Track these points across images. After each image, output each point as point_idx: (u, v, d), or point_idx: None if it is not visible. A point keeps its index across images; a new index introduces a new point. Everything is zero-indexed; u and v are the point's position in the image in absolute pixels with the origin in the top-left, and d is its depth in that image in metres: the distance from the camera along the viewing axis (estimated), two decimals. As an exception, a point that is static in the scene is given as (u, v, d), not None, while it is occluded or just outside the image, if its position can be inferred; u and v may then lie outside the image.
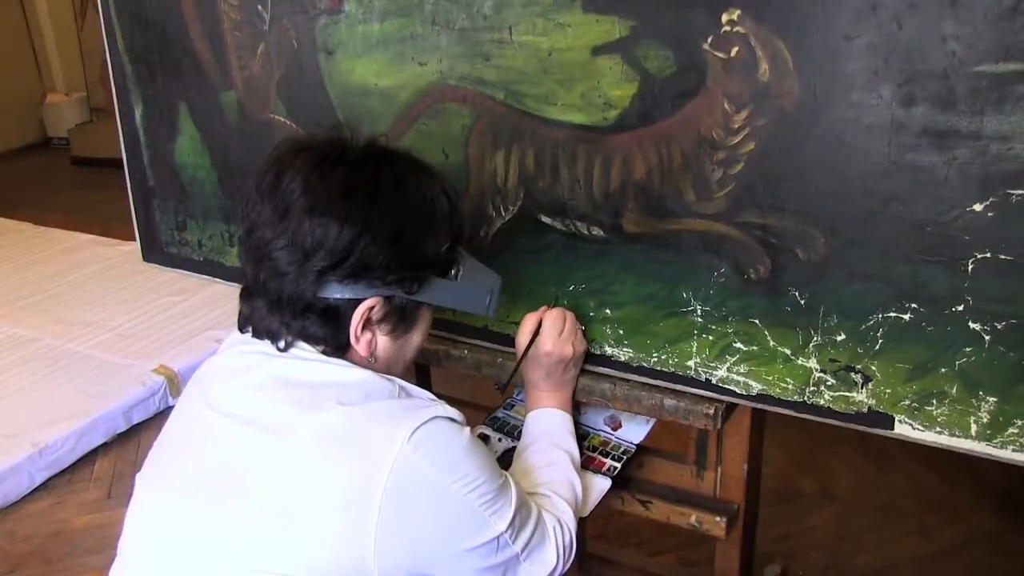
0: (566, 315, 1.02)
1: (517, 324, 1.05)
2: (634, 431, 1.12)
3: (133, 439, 2.25)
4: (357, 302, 0.78)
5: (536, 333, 1.01)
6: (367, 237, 0.75)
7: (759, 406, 0.96)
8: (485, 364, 1.13)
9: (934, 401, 0.85)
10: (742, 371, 0.95)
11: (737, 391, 0.96)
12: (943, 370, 0.83)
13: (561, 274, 1.05)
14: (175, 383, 2.38)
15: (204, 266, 1.41)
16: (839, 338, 0.88)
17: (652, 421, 1.13)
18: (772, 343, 0.93)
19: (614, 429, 1.13)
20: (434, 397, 0.80)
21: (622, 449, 1.09)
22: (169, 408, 2.32)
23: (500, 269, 0.96)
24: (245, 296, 0.83)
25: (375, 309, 0.80)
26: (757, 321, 0.93)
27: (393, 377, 0.81)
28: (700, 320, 0.96)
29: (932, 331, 0.83)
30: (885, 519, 1.79)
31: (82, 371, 2.43)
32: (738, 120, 0.86)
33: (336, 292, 0.77)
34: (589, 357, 1.06)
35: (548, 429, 1.01)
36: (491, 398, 1.22)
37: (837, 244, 0.85)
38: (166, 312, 2.81)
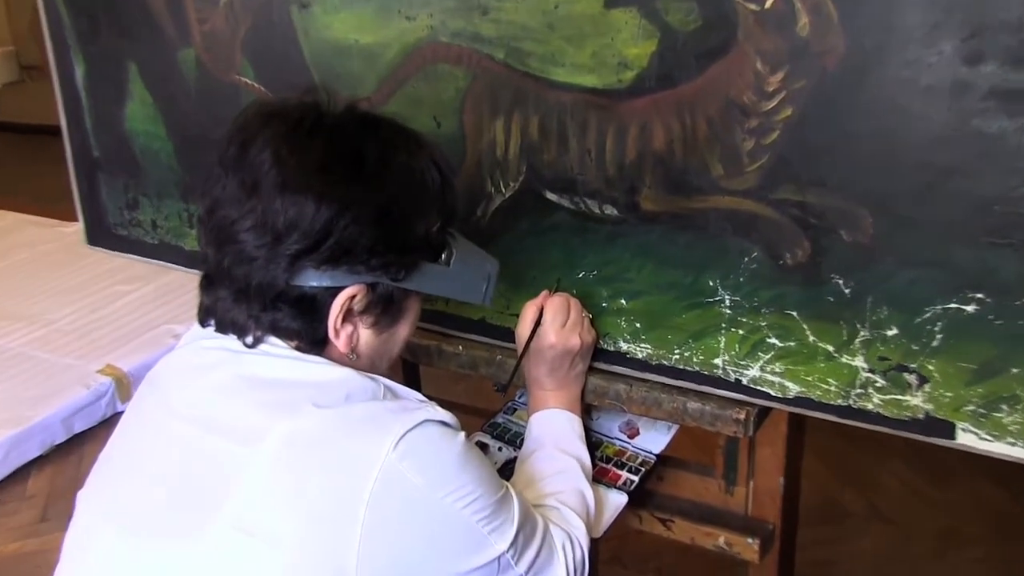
0: (570, 302, 1.03)
1: (518, 316, 1.05)
2: (653, 439, 1.13)
3: (74, 451, 2.24)
4: (336, 291, 0.79)
5: (538, 323, 1.02)
6: (348, 216, 0.76)
7: (797, 410, 0.97)
8: (482, 361, 1.14)
9: (1004, 407, 0.84)
10: (777, 370, 0.96)
11: (771, 393, 0.97)
12: (1014, 370, 0.83)
13: (569, 259, 1.05)
14: (124, 386, 2.38)
15: (159, 250, 1.41)
16: (890, 333, 0.88)
17: (674, 428, 1.13)
18: (812, 338, 0.92)
19: (630, 437, 1.14)
20: (424, 398, 0.81)
21: (640, 460, 1.10)
22: (118, 415, 2.26)
23: (499, 253, 0.96)
24: (207, 285, 0.83)
25: (357, 298, 0.80)
26: (794, 313, 0.93)
27: (377, 376, 0.81)
28: (728, 312, 0.97)
29: (1001, 325, 0.82)
30: (945, 545, 1.77)
31: (14, 372, 2.42)
32: (773, 82, 0.86)
33: (312, 279, 0.78)
34: (602, 355, 1.07)
35: (554, 432, 1.02)
36: (490, 401, 1.23)
37: (888, 224, 0.85)
38: (114, 303, 2.79)
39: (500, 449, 1.14)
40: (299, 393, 0.77)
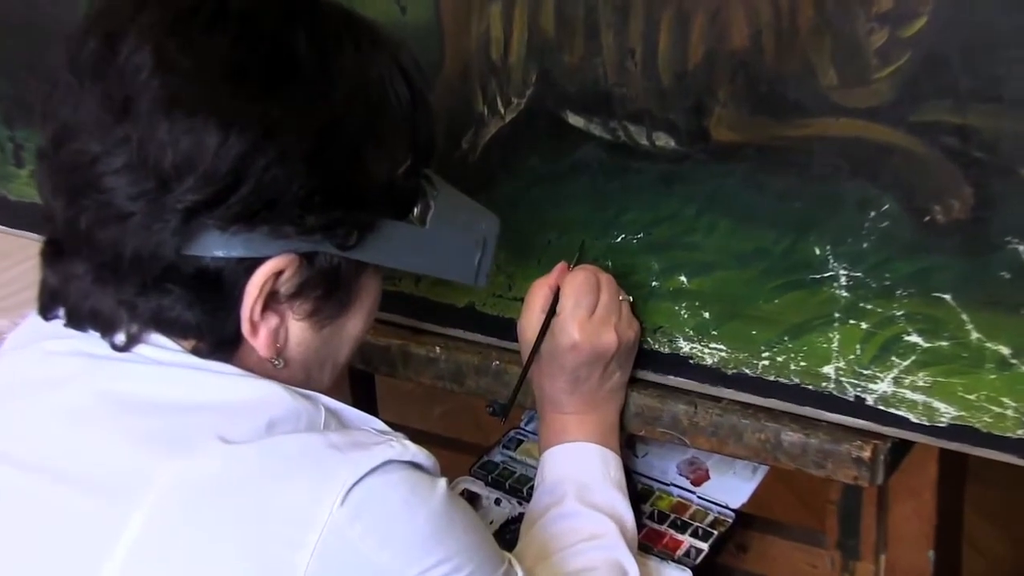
0: (601, 279, 1.03)
1: (524, 302, 1.05)
2: (730, 488, 1.13)
3: None
4: (253, 264, 0.78)
5: (552, 313, 1.02)
6: (270, 151, 0.75)
7: (953, 445, 0.96)
8: (470, 370, 1.15)
9: None
10: (921, 384, 0.95)
11: (912, 419, 0.97)
12: None
13: (600, 215, 1.05)
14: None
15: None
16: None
17: (762, 471, 1.13)
18: (976, 335, 0.92)
19: (695, 483, 1.14)
20: (385, 428, 0.82)
21: (710, 519, 1.11)
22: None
23: (497, 207, 0.96)
24: (52, 256, 0.83)
25: (284, 276, 0.80)
26: (947, 297, 0.93)
27: (315, 394, 0.82)
28: (844, 294, 0.97)
29: None
30: None
31: None
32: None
33: (216, 247, 0.77)
34: (650, 359, 1.07)
35: (580, 477, 1.03)
36: (482, 431, 1.23)
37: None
38: None
39: (498, 502, 1.14)
40: (197, 420, 0.77)
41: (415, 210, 0.87)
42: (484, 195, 1.02)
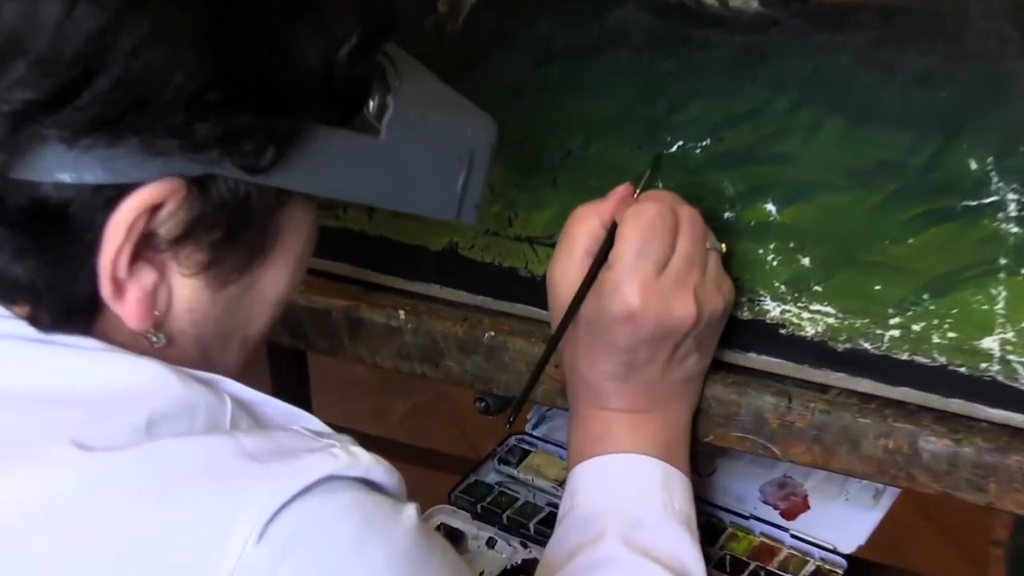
0: (679, 213, 1.03)
1: (539, 241, 1.06)
2: (840, 522, 1.13)
3: None
4: (117, 194, 0.78)
5: (602, 260, 1.02)
6: (139, 24, 0.74)
7: None
8: (451, 345, 1.15)
9: None
10: None
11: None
12: None
13: (647, 111, 1.06)
14: None
15: None
16: None
17: (888, 497, 1.13)
18: None
19: (788, 516, 1.14)
20: (323, 427, 0.82)
21: (810, 569, 1.10)
22: None
23: (493, 102, 0.96)
24: None
25: (166, 212, 0.80)
26: None
27: (218, 378, 0.83)
28: (1014, 230, 0.99)
29: None
30: None
31: None
32: None
33: (60, 169, 0.77)
34: (726, 328, 1.08)
35: (628, 507, 1.04)
36: (465, 436, 1.22)
37: None
38: None
39: (491, 543, 1.14)
40: (38, 418, 0.79)
41: (365, 110, 0.87)
42: (471, 84, 1.02)
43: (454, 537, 1.15)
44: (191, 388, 0.80)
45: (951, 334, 1.00)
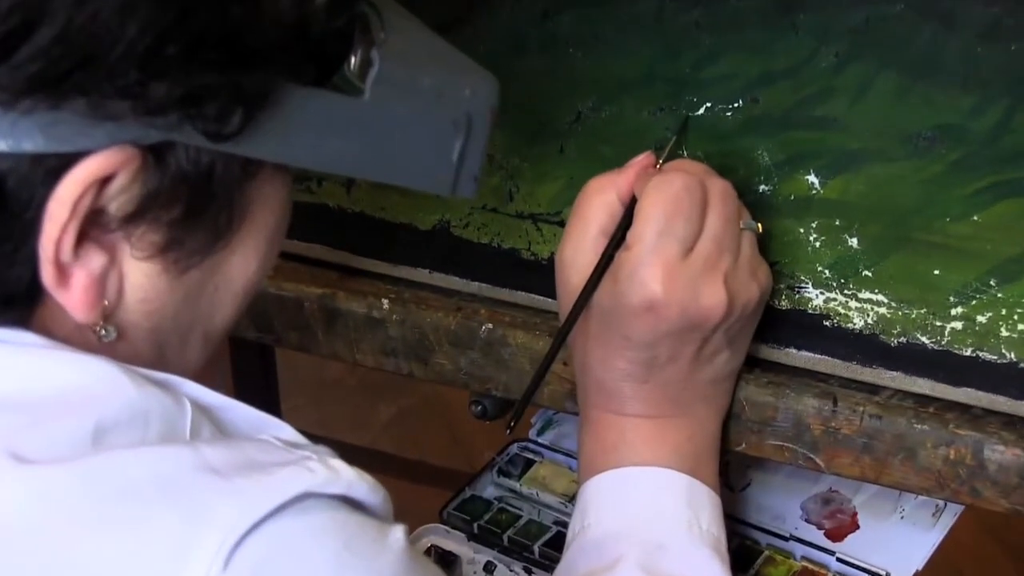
0: (709, 187, 1.04)
1: (544, 219, 1.07)
2: (894, 543, 1.13)
3: None
4: (61, 165, 0.78)
5: (619, 239, 1.03)
6: None
7: None
8: (442, 339, 1.15)
9: None
10: None
11: None
12: None
13: (671, 67, 1.07)
14: None
15: None
16: None
17: (949, 515, 1.13)
18: None
19: (834, 537, 1.14)
20: (297, 437, 0.83)
21: (858, 597, 1.11)
22: None
23: (492, 58, 0.97)
24: None
25: (117, 185, 0.80)
26: None
27: (175, 379, 0.83)
28: None
29: None
30: None
31: None
32: None
33: None
34: (762, 319, 1.08)
35: (648, 529, 1.05)
36: (459, 445, 1.23)
37: None
38: None
39: (489, 569, 1.15)
40: None
41: (346, 67, 0.87)
42: (468, 37, 1.03)
43: (446, 562, 1.15)
44: (145, 391, 0.79)
45: (1022, 326, 1.00)
